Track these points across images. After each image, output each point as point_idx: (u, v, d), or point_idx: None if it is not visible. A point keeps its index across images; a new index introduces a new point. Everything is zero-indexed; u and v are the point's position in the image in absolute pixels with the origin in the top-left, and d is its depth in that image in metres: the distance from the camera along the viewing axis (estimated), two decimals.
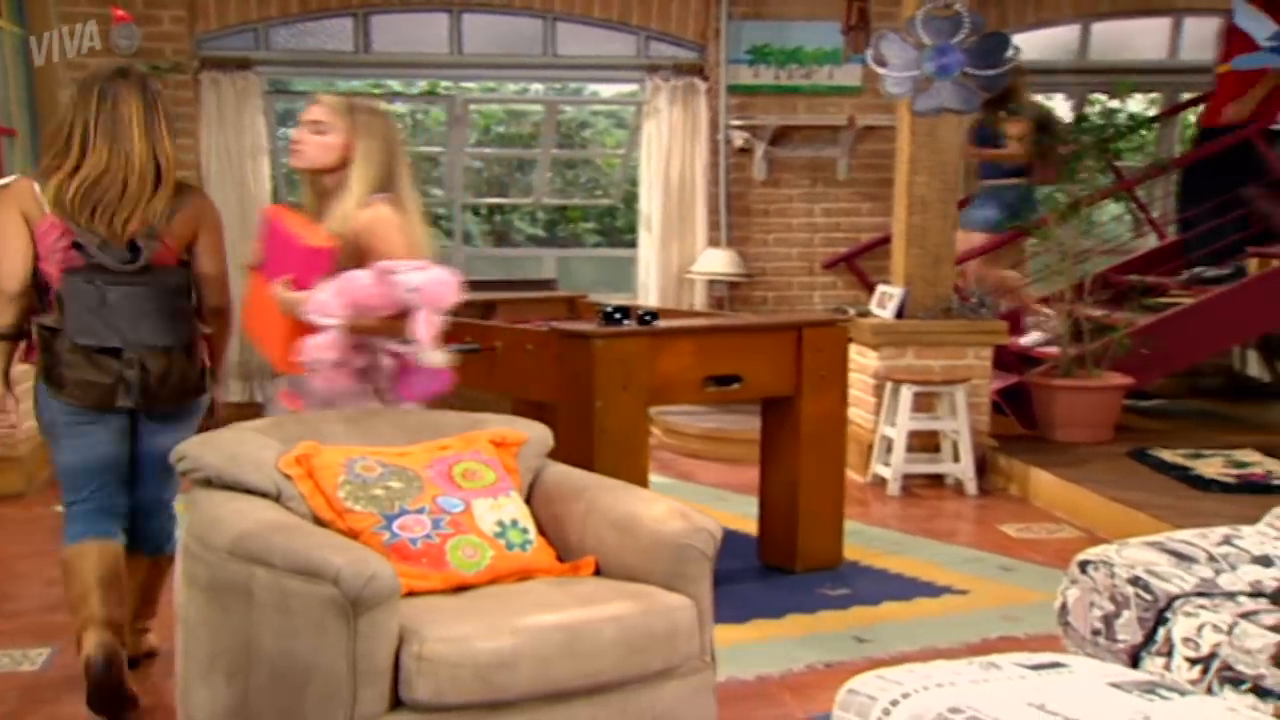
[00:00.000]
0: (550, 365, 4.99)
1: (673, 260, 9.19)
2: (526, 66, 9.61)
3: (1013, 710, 2.64)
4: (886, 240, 9.22)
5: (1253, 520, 5.02)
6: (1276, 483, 6.15)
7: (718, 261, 9.04)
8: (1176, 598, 3.63)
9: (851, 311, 7.26)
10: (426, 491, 3.50)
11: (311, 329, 3.83)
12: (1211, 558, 3.78)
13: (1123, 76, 9.93)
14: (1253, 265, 9.27)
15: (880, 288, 7.40)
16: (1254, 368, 9.50)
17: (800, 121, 9.32)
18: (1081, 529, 6.04)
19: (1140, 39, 10.27)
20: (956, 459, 6.84)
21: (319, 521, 3.42)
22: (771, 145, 9.30)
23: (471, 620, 3.14)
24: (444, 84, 10.47)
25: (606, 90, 10.65)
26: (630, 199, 10.48)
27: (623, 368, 4.89)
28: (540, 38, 9.40)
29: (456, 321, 5.64)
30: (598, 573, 3.55)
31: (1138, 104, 10.81)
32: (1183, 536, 3.89)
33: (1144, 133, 7.82)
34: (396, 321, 3.81)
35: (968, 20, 7.12)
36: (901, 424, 6.74)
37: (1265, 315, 8.09)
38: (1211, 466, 6.49)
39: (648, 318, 5.15)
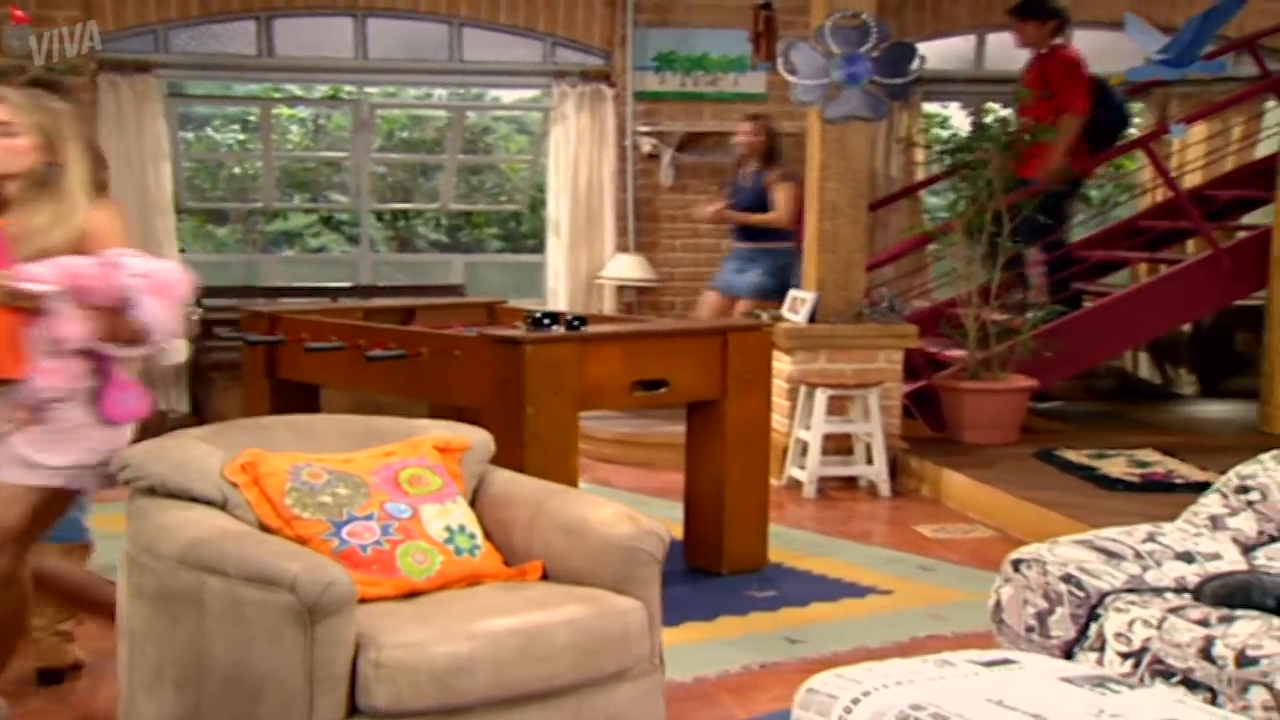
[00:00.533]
0: (479, 371, 4.99)
1: (581, 266, 9.21)
2: (433, 72, 9.57)
3: (973, 706, 2.71)
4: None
5: (1159, 518, 5.18)
6: (1178, 482, 6.34)
7: (626, 267, 9.08)
8: (1107, 594, 3.74)
9: (765, 316, 7.33)
10: (374, 498, 3.50)
11: (29, 322, 3.48)
12: (1138, 555, 3.90)
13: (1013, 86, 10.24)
14: (1142, 270, 9.56)
15: (792, 293, 7.49)
16: (1145, 370, 9.77)
17: (706, 128, 9.40)
18: (995, 529, 6.17)
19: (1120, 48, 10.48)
20: (870, 461, 6.94)
21: (266, 529, 3.40)
22: (678, 151, 9.37)
23: (427, 626, 3.15)
24: (347, 89, 10.41)
25: (507, 96, 10.65)
26: (536, 204, 10.50)
27: (553, 373, 4.90)
28: (446, 43, 9.37)
29: (378, 328, 5.66)
30: (545, 577, 3.57)
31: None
32: (1109, 534, 4.01)
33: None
34: (120, 319, 3.50)
35: (875, 30, 7.25)
36: (816, 427, 6.83)
37: (1158, 319, 8.34)
38: (1116, 466, 6.67)
39: (576, 323, 5.17)
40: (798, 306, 7.33)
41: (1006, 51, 10.33)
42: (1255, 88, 9.13)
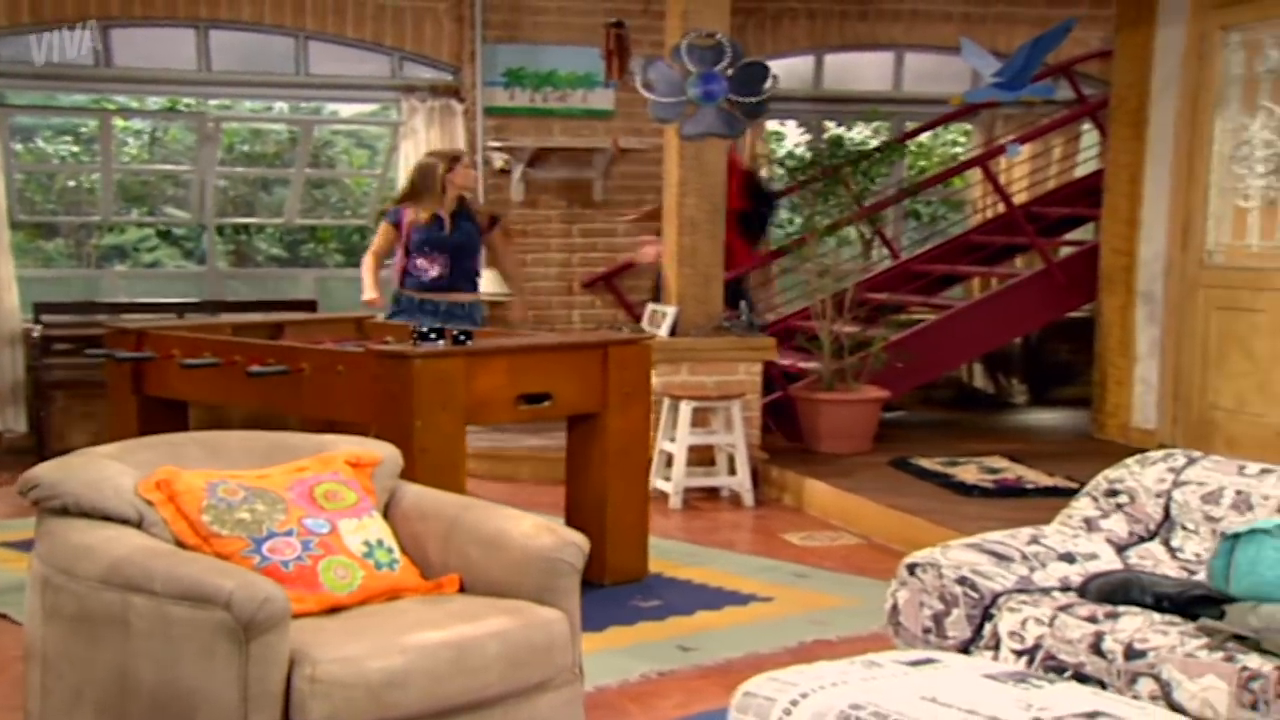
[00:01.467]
0: (365, 386, 4.98)
1: None
2: (279, 85, 9.45)
3: (909, 704, 2.83)
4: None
5: (1017, 521, 5.42)
6: (1029, 487, 6.61)
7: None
8: (999, 595, 3.92)
9: (626, 330, 7.43)
10: (291, 513, 3.48)
11: None
12: (1025, 557, 4.09)
13: (852, 105, 10.56)
14: (975, 286, 9.94)
15: (651, 306, 7.60)
16: (980, 380, 10.14)
17: (557, 144, 9.46)
18: (859, 535, 6.36)
19: (867, 70, 10.83)
20: (732, 472, 7.08)
21: (183, 547, 3.36)
22: (529, 167, 9.42)
23: (359, 641, 3.16)
24: (186, 101, 10.20)
25: (347, 110, 10.56)
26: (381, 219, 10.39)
27: (441, 387, 4.92)
28: (292, 56, 9.27)
29: (257, 343, 5.59)
30: (462, 589, 3.60)
31: (862, 132, 11.43)
32: (996, 538, 4.19)
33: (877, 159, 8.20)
34: None
35: (729, 49, 7.41)
36: (681, 439, 6.95)
37: (998, 330, 8.69)
38: (969, 473, 6.93)
39: (462, 338, 5.19)
40: (658, 320, 7.44)
41: (843, 71, 10.68)
42: (1079, 111, 9.56)
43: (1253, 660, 3.36)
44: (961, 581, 3.95)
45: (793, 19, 10.27)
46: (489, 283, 9.08)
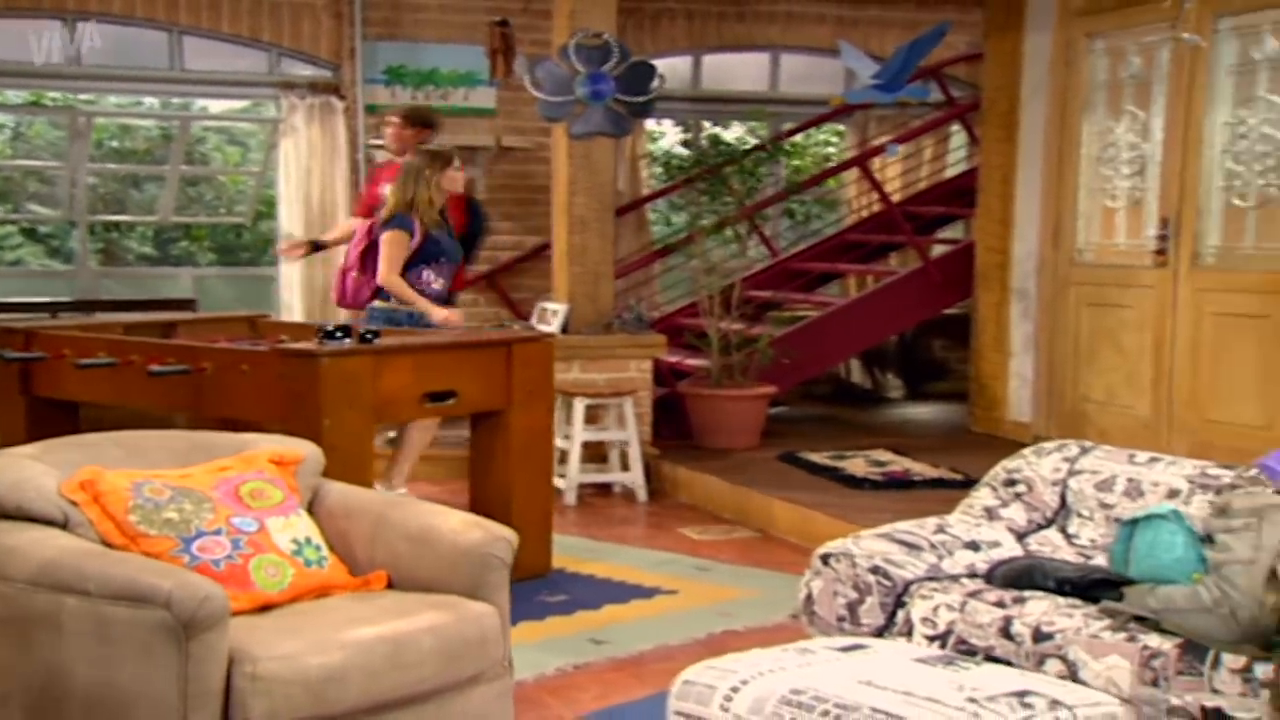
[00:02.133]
0: (270, 385, 4.94)
1: (317, 279, 9.10)
2: (153, 80, 9.29)
3: (847, 688, 2.92)
4: (525, 258, 9.55)
5: (910, 513, 5.57)
6: (917, 478, 6.79)
7: None
8: (911, 582, 4.04)
9: (517, 328, 7.45)
10: (219, 512, 3.47)
11: None
12: (933, 545, 4.22)
13: (730, 105, 10.72)
14: (851, 284, 10.15)
15: (541, 304, 7.64)
16: (857, 376, 10.35)
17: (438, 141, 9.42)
18: (755, 529, 6.47)
19: (744, 71, 10.99)
20: (625, 468, 7.15)
21: (110, 548, 3.32)
22: None
23: (296, 638, 3.16)
24: (52, 95, 9.97)
25: (217, 105, 10.41)
26: (260, 217, 10.29)
27: (349, 386, 4.91)
28: (166, 50, 9.11)
29: (156, 343, 5.51)
30: (390, 586, 3.61)
31: (737, 132, 11.60)
32: (905, 528, 4.32)
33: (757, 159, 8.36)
34: None
35: (616, 49, 7.48)
36: (576, 435, 7.00)
37: (879, 326, 8.90)
38: (857, 466, 7.08)
39: (369, 336, 5.18)
40: (548, 318, 7.48)
41: (721, 71, 10.82)
42: (952, 112, 9.82)
43: (1153, 639, 3.52)
44: (874, 570, 4.07)
45: (671, 19, 10.38)
46: None
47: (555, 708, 4.15)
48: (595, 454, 7.28)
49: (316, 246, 7.82)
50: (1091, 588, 3.89)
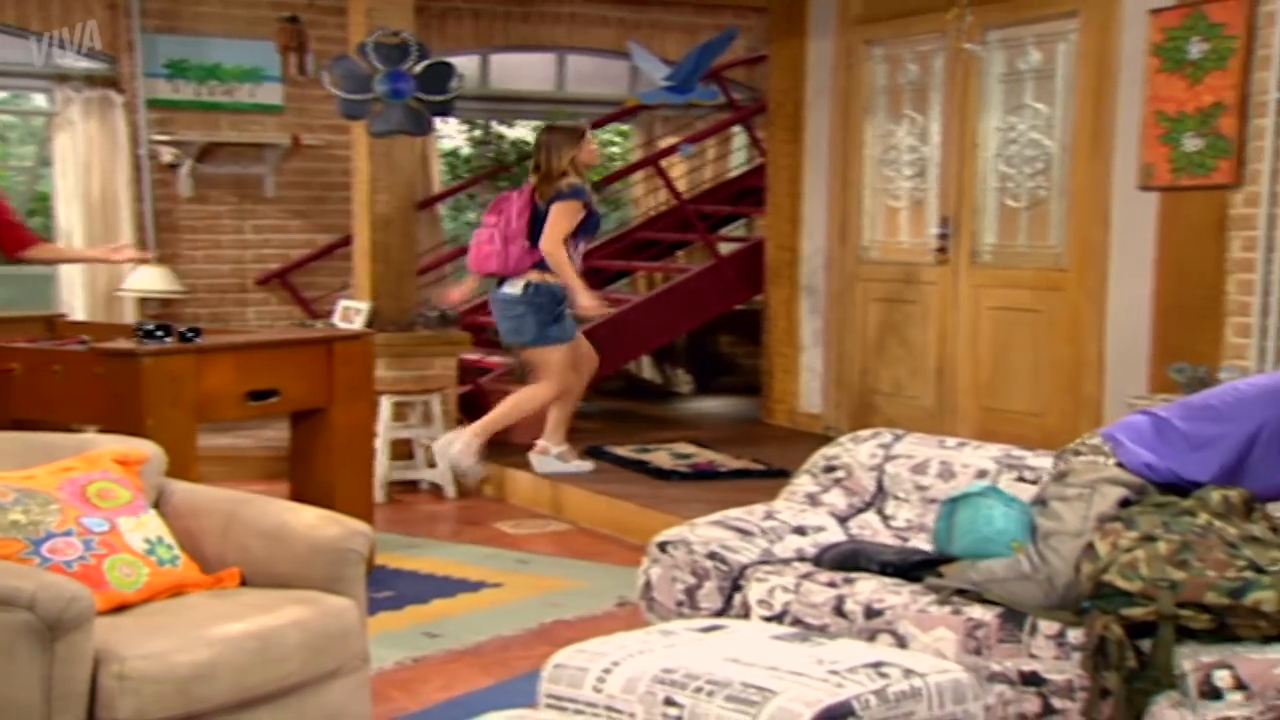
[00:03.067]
0: (87, 385, 4.83)
1: (99, 278, 8.84)
2: None
3: (716, 665, 3.05)
4: (318, 256, 9.47)
5: (722, 502, 5.76)
6: (723, 470, 6.97)
7: (149, 279, 8.78)
8: (747, 566, 4.20)
9: (320, 325, 7.40)
10: (67, 513, 3.41)
11: None
12: (764, 531, 4.40)
13: (518, 105, 10.81)
14: (640, 281, 10.35)
15: (344, 303, 7.58)
16: (648, 371, 10.55)
17: (225, 138, 9.27)
18: (568, 522, 6.57)
19: (532, 70, 11.09)
20: (431, 464, 7.16)
21: None
22: (199, 162, 9.19)
23: (161, 636, 3.14)
24: None
25: None
26: (32, 214, 9.91)
27: (172, 385, 4.83)
28: None
29: None
30: (243, 583, 3.60)
31: (523, 132, 11.67)
32: (735, 515, 4.49)
33: None
34: None
35: (415, 48, 7.49)
36: (384, 433, 6.99)
37: (676, 322, 9.10)
38: (663, 459, 7.24)
39: (189, 334, 5.10)
40: (351, 316, 7.44)
41: (508, 71, 10.89)
42: (740, 114, 10.10)
43: (975, 611, 3.76)
44: (711, 556, 4.22)
45: (459, 18, 10.41)
46: (160, 281, 8.82)
47: (400, 700, 4.18)
48: (402, 451, 7.27)
49: None
50: (912, 569, 4.13)
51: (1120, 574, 3.50)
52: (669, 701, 2.97)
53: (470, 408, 8.00)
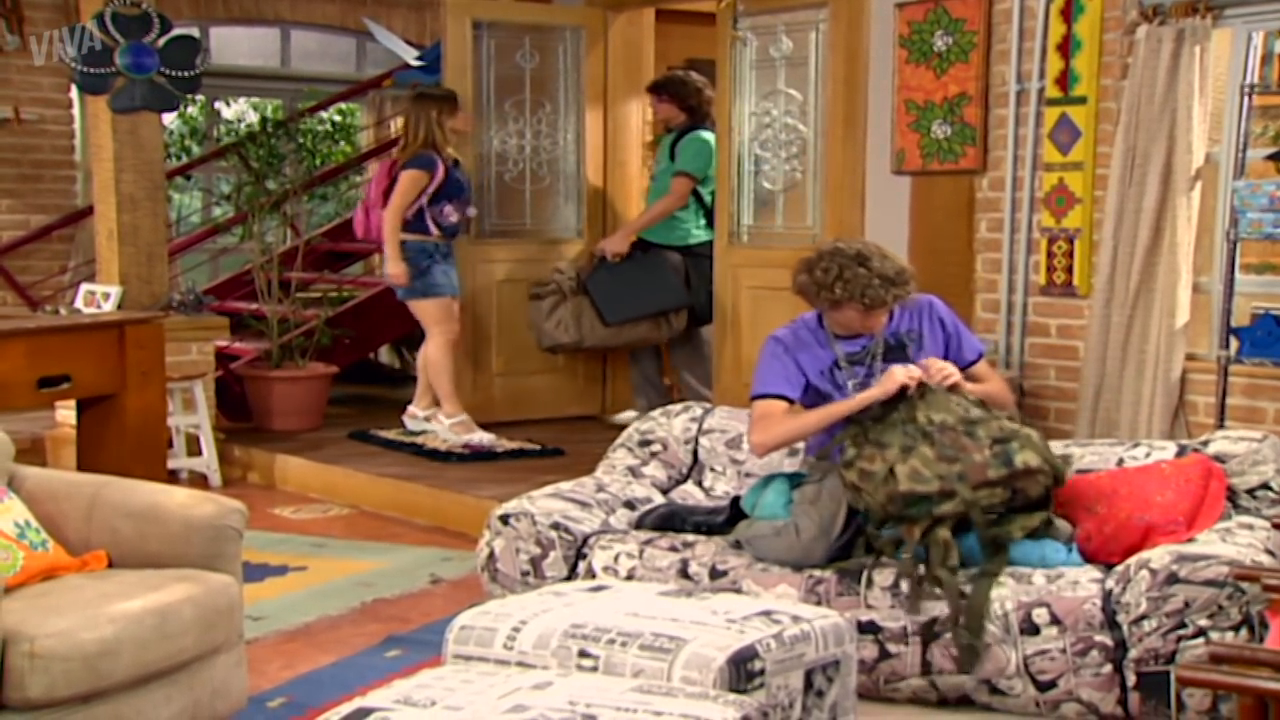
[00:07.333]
0: None
1: None
2: None
3: (621, 620, 3.21)
4: (31, 239, 9.04)
5: (509, 481, 5.94)
6: (499, 450, 6.99)
7: None
8: (589, 536, 4.36)
9: (51, 312, 7.07)
10: None
11: None
12: (599, 503, 4.56)
13: (240, 81, 10.60)
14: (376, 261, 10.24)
15: (87, 286, 7.25)
16: (385, 356, 10.49)
17: None
18: (348, 505, 6.49)
19: (255, 46, 10.89)
20: (195, 453, 6.97)
21: None
22: None
23: (61, 616, 3.11)
24: None
25: None
26: None
27: None
28: None
29: None
30: (111, 565, 3.54)
31: (240, 109, 11.43)
32: (569, 488, 4.65)
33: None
34: None
35: (157, 20, 7.26)
36: None
37: None
38: (435, 441, 7.20)
39: None
40: (98, 301, 7.15)
41: (228, 45, 10.64)
42: None
43: (817, 569, 4.04)
44: (555, 526, 4.36)
45: None
46: None
47: (253, 679, 4.13)
48: None
49: None
50: (719, 527, 4.41)
51: (913, 481, 3.95)
52: (583, 654, 3.11)
53: (221, 394, 7.82)
